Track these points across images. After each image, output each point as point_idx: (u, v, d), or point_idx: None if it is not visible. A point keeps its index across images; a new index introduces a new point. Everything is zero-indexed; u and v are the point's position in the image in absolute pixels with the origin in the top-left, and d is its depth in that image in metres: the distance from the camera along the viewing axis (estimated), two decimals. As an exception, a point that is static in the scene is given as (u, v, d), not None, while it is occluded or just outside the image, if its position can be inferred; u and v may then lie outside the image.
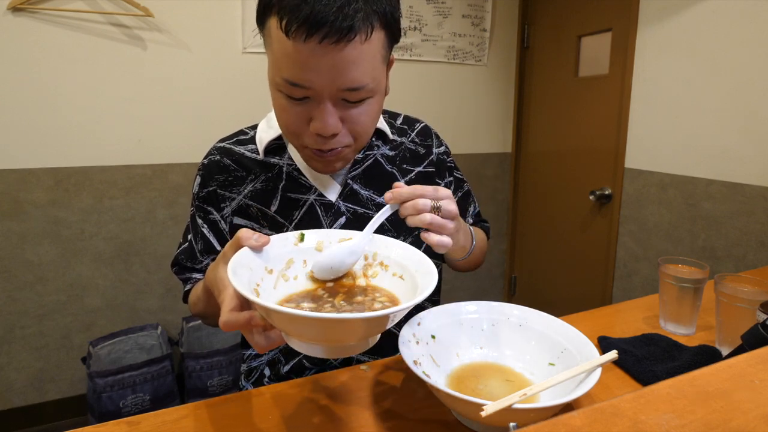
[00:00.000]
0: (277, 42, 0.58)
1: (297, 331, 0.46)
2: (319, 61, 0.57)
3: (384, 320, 0.44)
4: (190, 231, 0.81)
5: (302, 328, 0.45)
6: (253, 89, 2.00)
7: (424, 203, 0.58)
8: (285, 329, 0.46)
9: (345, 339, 0.48)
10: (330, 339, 0.47)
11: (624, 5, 1.88)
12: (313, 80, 0.58)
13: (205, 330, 2.00)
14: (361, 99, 0.62)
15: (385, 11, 0.60)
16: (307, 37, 0.55)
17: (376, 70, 0.62)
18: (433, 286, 0.49)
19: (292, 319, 0.43)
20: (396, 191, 0.59)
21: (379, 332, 0.49)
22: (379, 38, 0.60)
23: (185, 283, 0.82)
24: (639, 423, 0.23)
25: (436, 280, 0.51)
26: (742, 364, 0.29)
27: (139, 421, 0.57)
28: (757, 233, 1.49)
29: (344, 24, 0.55)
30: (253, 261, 0.52)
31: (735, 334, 0.72)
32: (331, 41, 0.55)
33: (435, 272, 0.53)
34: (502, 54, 2.49)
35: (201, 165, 0.79)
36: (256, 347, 0.49)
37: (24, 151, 1.72)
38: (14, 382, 1.82)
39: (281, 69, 0.59)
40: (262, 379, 0.81)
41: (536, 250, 2.53)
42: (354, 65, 0.58)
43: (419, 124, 0.88)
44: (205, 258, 0.79)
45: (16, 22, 1.64)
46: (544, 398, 0.57)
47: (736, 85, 1.52)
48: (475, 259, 0.86)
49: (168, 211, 1.95)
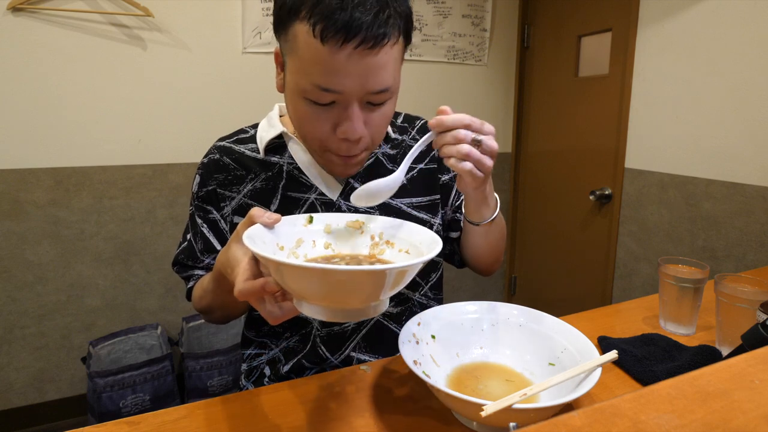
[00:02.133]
0: (306, 47, 0.58)
1: (308, 290, 0.47)
2: (353, 67, 0.58)
3: (395, 276, 0.45)
4: (190, 230, 0.80)
5: (314, 283, 0.45)
6: (253, 89, 2.00)
7: (465, 134, 0.58)
8: (297, 289, 0.47)
9: (355, 296, 0.47)
10: (340, 298, 0.47)
11: (624, 5, 1.88)
12: (346, 85, 0.59)
13: (205, 330, 2.00)
14: (384, 101, 0.64)
15: (406, 14, 0.62)
16: (343, 43, 0.56)
17: (397, 71, 0.64)
18: (440, 247, 0.50)
19: (304, 273, 0.44)
20: (439, 118, 0.59)
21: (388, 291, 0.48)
22: (401, 41, 0.62)
23: (188, 281, 0.81)
24: (639, 423, 0.23)
25: (441, 245, 0.52)
26: (742, 364, 0.29)
27: (139, 421, 0.57)
28: (757, 233, 1.49)
29: (379, 30, 0.56)
30: (265, 236, 0.53)
31: (735, 334, 0.72)
32: (367, 47, 0.56)
33: (440, 240, 0.53)
34: (502, 54, 2.49)
35: (200, 164, 0.79)
36: (270, 317, 0.49)
37: (24, 151, 1.72)
38: (14, 382, 1.82)
39: (311, 75, 0.59)
40: (263, 379, 0.81)
41: (536, 250, 2.53)
42: (383, 69, 0.60)
43: (419, 122, 0.88)
44: (205, 257, 0.79)
45: (16, 22, 1.64)
46: (544, 398, 0.57)
47: (736, 85, 1.52)
48: (496, 239, 0.80)
49: (168, 211, 1.95)
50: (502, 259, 0.87)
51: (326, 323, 0.78)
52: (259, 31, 1.96)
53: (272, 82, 2.07)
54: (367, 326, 0.79)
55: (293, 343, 0.79)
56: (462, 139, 0.58)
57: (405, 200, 0.80)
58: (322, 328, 0.78)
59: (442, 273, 0.88)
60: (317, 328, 0.78)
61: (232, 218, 0.77)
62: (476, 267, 0.87)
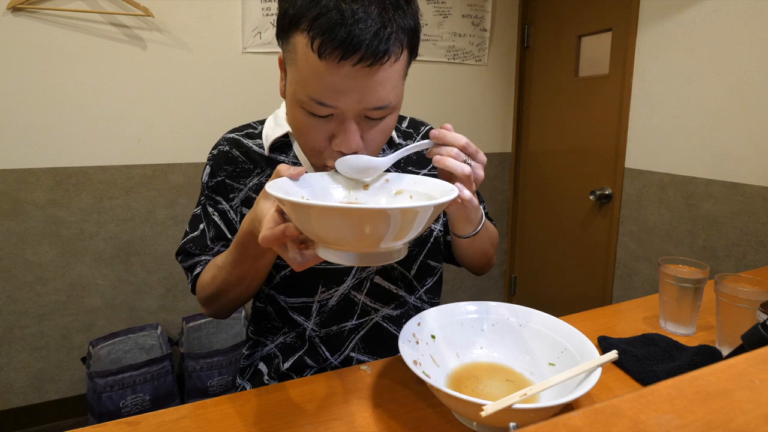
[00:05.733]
0: (304, 60, 0.57)
1: (324, 232, 0.48)
2: (351, 84, 0.57)
3: (414, 215, 0.46)
4: (202, 220, 0.79)
5: (329, 224, 0.46)
6: (253, 89, 2.00)
7: (457, 153, 0.61)
8: (313, 231, 0.48)
9: (375, 236, 0.48)
10: (356, 239, 0.48)
11: (624, 5, 1.88)
12: (342, 101, 0.58)
13: (205, 330, 2.01)
14: (383, 116, 0.63)
15: (412, 28, 0.60)
16: (341, 60, 0.55)
17: (399, 88, 0.63)
18: (456, 193, 0.53)
19: (317, 213, 0.45)
20: (443, 132, 0.62)
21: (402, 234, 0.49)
22: (404, 57, 0.61)
23: (193, 269, 0.79)
24: (639, 423, 0.23)
25: (455, 192, 0.54)
26: (742, 364, 0.29)
27: (139, 421, 0.57)
28: (757, 233, 1.49)
29: (380, 48, 0.55)
30: (290, 188, 0.56)
31: (735, 334, 0.72)
32: (366, 64, 0.55)
33: (455, 191, 0.55)
34: (502, 54, 2.49)
35: (210, 155, 0.80)
36: (292, 263, 0.51)
37: (24, 151, 1.72)
38: (14, 382, 1.82)
39: (307, 87, 0.59)
40: (260, 377, 0.82)
41: (536, 250, 2.53)
42: (381, 86, 0.59)
43: (424, 127, 0.88)
44: (215, 245, 0.78)
45: (16, 22, 1.64)
46: (544, 398, 0.57)
47: (736, 85, 1.52)
48: (483, 247, 0.82)
49: (168, 211, 1.95)
50: (493, 261, 0.90)
51: (324, 324, 0.78)
52: (259, 31, 1.96)
53: (272, 82, 2.08)
54: (365, 328, 0.79)
55: (291, 339, 0.80)
56: (455, 157, 0.60)
57: None
58: (319, 329, 0.78)
59: (440, 278, 0.88)
60: (313, 329, 0.78)
61: (240, 209, 0.78)
62: (469, 269, 0.90)
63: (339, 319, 0.78)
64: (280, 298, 0.79)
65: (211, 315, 0.80)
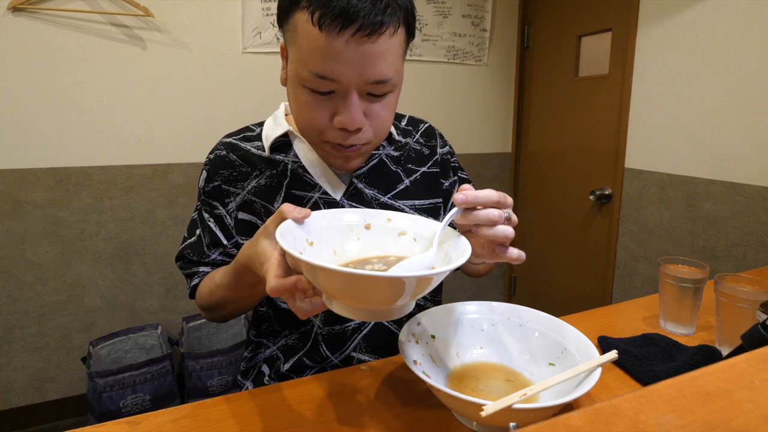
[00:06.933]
0: (305, 36, 0.59)
1: (337, 291, 0.48)
2: (351, 54, 0.58)
3: (422, 281, 0.46)
4: (198, 226, 0.80)
5: (341, 285, 0.47)
6: (253, 89, 2.00)
7: (499, 214, 0.54)
8: (326, 288, 0.48)
9: (380, 298, 0.49)
10: (366, 299, 0.48)
11: (624, 5, 1.88)
12: (343, 73, 0.59)
13: (205, 330, 2.01)
14: (385, 93, 0.64)
15: (407, 7, 0.63)
16: (340, 30, 0.57)
17: (398, 64, 0.64)
18: (467, 256, 0.50)
19: (331, 276, 0.45)
20: (470, 195, 0.54)
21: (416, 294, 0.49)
22: (401, 33, 0.63)
23: (192, 278, 0.80)
24: (639, 423, 0.23)
25: (469, 252, 0.51)
26: (742, 364, 0.29)
27: (139, 421, 0.57)
28: (757, 233, 1.49)
29: (377, 18, 0.57)
30: (295, 232, 0.54)
31: (735, 334, 0.72)
32: (364, 34, 0.57)
33: (468, 247, 0.52)
34: (502, 54, 2.49)
35: (207, 160, 0.79)
36: (299, 312, 0.50)
37: (24, 151, 1.72)
38: (14, 382, 1.82)
39: (309, 63, 0.60)
40: (261, 378, 0.81)
41: (536, 250, 2.53)
42: (382, 59, 0.60)
43: (423, 125, 0.88)
44: (212, 252, 0.78)
45: (16, 22, 1.64)
46: (544, 398, 0.57)
47: (736, 85, 1.52)
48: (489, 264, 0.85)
49: (168, 211, 1.95)
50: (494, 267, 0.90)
51: (328, 322, 0.78)
52: (259, 31, 1.96)
53: (272, 82, 2.08)
54: (367, 327, 0.79)
55: (292, 341, 0.79)
56: (496, 220, 0.54)
57: (408, 202, 0.80)
58: (324, 327, 0.78)
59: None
60: (319, 326, 0.78)
61: (236, 214, 0.77)
62: (469, 276, 0.91)
63: (343, 317, 0.78)
64: (280, 299, 0.79)
65: (211, 320, 0.81)
